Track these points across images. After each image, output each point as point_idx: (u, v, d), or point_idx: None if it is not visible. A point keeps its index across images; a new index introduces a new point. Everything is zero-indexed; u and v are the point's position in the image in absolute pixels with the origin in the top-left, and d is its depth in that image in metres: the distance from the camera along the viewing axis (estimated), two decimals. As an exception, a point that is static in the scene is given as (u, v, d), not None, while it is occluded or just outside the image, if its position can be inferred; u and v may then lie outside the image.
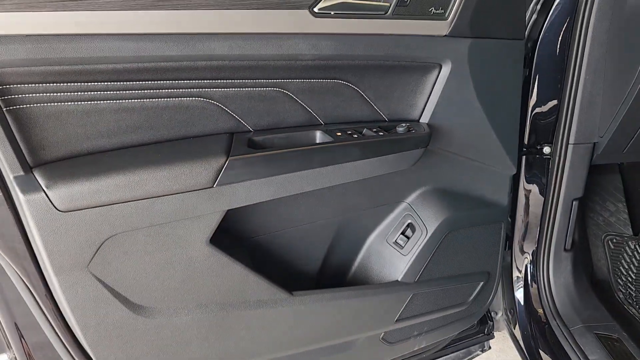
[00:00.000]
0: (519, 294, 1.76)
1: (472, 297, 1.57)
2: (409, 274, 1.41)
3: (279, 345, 1.32)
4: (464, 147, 1.38)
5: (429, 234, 1.39)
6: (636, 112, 1.48)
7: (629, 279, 1.88)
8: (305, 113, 1.23)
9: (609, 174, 2.03)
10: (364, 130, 1.24)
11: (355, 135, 1.19)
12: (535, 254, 1.71)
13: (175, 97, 1.10)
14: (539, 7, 1.54)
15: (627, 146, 1.57)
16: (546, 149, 1.59)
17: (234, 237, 1.27)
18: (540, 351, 1.70)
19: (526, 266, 1.74)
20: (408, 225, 1.42)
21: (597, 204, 2.01)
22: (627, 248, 1.94)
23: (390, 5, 1.15)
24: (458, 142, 1.37)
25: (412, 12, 1.17)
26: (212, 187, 1.06)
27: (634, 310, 1.77)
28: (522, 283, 1.74)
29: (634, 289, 1.86)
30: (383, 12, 1.16)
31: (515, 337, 1.85)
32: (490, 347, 1.92)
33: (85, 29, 0.95)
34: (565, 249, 1.69)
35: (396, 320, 1.46)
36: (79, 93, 1.02)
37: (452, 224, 1.42)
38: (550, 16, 1.48)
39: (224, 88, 1.13)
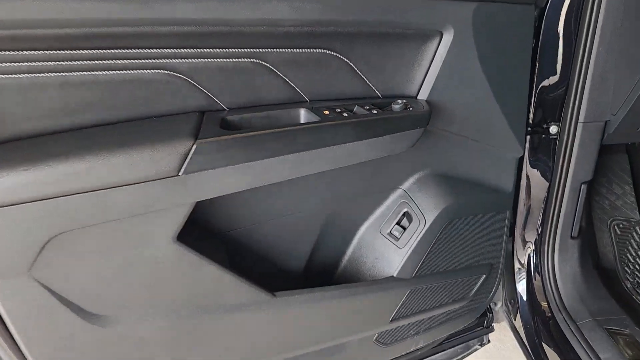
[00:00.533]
0: (521, 286, 1.64)
1: (473, 292, 1.43)
2: (405, 268, 1.27)
3: (261, 353, 1.17)
4: (466, 127, 1.24)
5: (428, 224, 1.25)
6: (654, 88, 1.34)
7: (637, 266, 1.76)
8: (288, 88, 1.07)
9: (615, 154, 1.90)
10: (355, 108, 1.08)
11: (345, 114, 1.04)
12: (539, 243, 1.58)
13: (133, 70, 0.93)
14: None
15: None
16: (553, 128, 1.45)
17: (206, 231, 1.11)
18: (544, 346, 1.58)
19: (529, 256, 1.61)
20: (404, 215, 1.27)
21: (603, 187, 1.88)
22: (634, 234, 1.81)
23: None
24: (460, 121, 1.22)
25: (410, -29, 1.01)
26: (177, 175, 0.90)
27: (643, 300, 1.66)
28: (524, 274, 1.61)
29: (643, 277, 1.74)
30: (376, -30, 1.00)
31: (516, 329, 1.73)
32: (489, 341, 1.80)
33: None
34: (571, 237, 1.57)
35: (391, 320, 1.32)
36: (14, 64, 0.84)
37: (453, 213, 1.28)
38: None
39: (192, 59, 0.97)
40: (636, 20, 1.29)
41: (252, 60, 1.01)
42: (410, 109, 1.11)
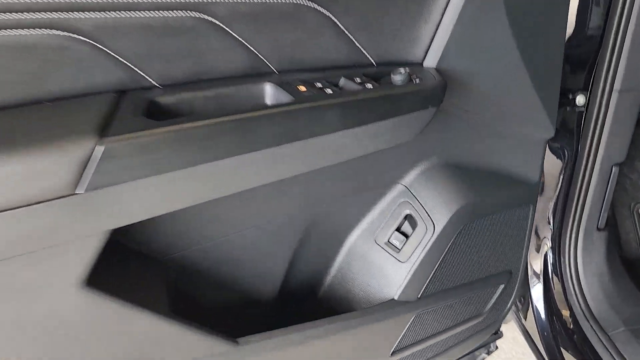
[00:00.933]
0: (536, 291, 1.38)
1: (489, 306, 1.16)
2: (409, 288, 0.98)
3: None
4: (486, 103, 0.95)
5: (438, 230, 0.96)
6: None
7: (664, 257, 1.52)
8: (246, 55, 0.75)
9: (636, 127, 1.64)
10: (341, 81, 0.78)
11: (329, 90, 0.73)
12: (558, 238, 1.32)
13: (14, 30, 0.61)
14: None
15: None
16: (580, 99, 1.18)
17: (135, 259, 0.79)
18: (565, 353, 1.34)
19: (545, 254, 1.35)
20: (406, 218, 0.98)
21: (624, 164, 1.62)
22: (660, 219, 1.57)
23: None
24: (478, 96, 0.93)
25: None
26: (75, 194, 0.58)
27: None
28: (539, 276, 1.36)
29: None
30: None
31: (527, 332, 1.48)
32: (497, 347, 1.54)
33: None
34: (598, 228, 1.31)
35: (392, 353, 1.04)
36: None
37: (469, 214, 0.99)
38: None
39: (100, 12, 0.64)
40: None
41: (192, 14, 0.69)
42: (417, 81, 0.80)
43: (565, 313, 1.33)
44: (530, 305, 1.41)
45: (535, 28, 0.91)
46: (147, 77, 0.70)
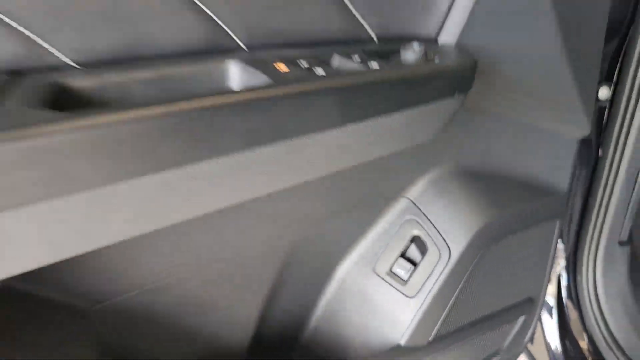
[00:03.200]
0: (547, 318, 1.21)
1: (508, 341, 0.96)
2: (419, 331, 0.77)
3: None
4: (515, 93, 0.75)
5: (454, 257, 0.75)
6: None
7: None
8: (204, 22, 0.53)
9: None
10: (335, 60, 0.57)
11: (320, 71, 0.51)
12: (574, 256, 1.15)
13: None
14: None
15: None
16: (603, 91, 1.00)
17: (55, 309, 0.56)
18: None
19: (558, 276, 1.18)
20: (413, 241, 0.77)
21: None
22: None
23: None
24: (506, 83, 0.73)
25: None
26: None
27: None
28: (552, 300, 1.19)
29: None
30: None
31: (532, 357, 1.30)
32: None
33: None
34: (620, 242, 1.14)
35: None
36: None
37: (491, 235, 0.79)
38: None
39: None
40: None
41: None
42: (435, 60, 0.60)
43: (583, 344, 1.16)
44: (542, 334, 1.23)
45: (577, 7, 0.72)
46: (55, 52, 0.48)
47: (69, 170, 0.40)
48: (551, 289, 1.23)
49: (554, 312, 1.20)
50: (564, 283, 1.19)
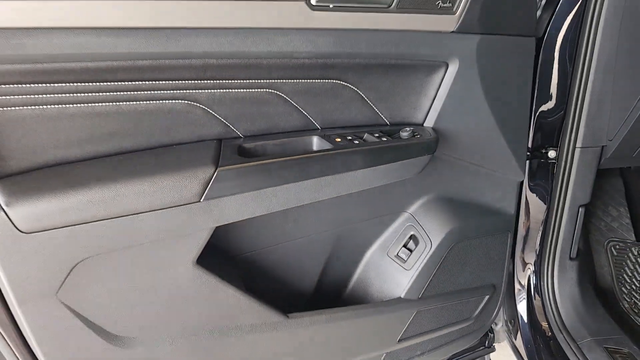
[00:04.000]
0: (522, 307, 1.67)
1: (477, 312, 1.47)
2: (412, 290, 1.31)
3: (274, 372, 1.20)
4: (470, 152, 1.28)
5: (434, 247, 1.29)
6: (649, 114, 1.39)
7: (634, 286, 1.81)
8: (301, 117, 1.11)
9: (610, 177, 1.96)
10: (365, 136, 1.13)
11: (356, 141, 1.08)
12: (539, 264, 1.62)
13: (156, 100, 0.98)
14: (543, 2, 1.45)
15: (637, 150, 1.49)
16: (551, 153, 1.49)
17: (222, 254, 1.14)
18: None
19: (529, 277, 1.65)
20: (411, 237, 1.31)
21: (599, 209, 1.93)
22: (630, 254, 1.86)
23: (395, -2, 1.04)
24: (464, 147, 1.27)
25: (418, 6, 1.07)
26: (199, 201, 0.94)
27: (640, 320, 1.70)
28: (524, 295, 1.65)
29: (639, 297, 1.78)
30: (386, 6, 1.05)
31: (517, 349, 1.76)
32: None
33: (51, 22, 0.83)
34: (570, 258, 1.61)
35: (399, 340, 1.35)
36: (45, 95, 0.89)
37: (458, 235, 1.32)
38: (557, 12, 1.39)
39: (210, 89, 1.01)
40: (631, 49, 1.35)
41: (267, 90, 1.06)
42: (418, 136, 1.15)
43: (545, 325, 1.62)
44: (518, 320, 1.70)
45: (504, 98, 1.25)
46: (236, 131, 1.07)
47: (248, 182, 0.98)
48: (525, 286, 1.70)
49: (525, 302, 1.67)
50: (532, 282, 1.66)
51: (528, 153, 1.49)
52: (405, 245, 1.32)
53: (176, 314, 1.03)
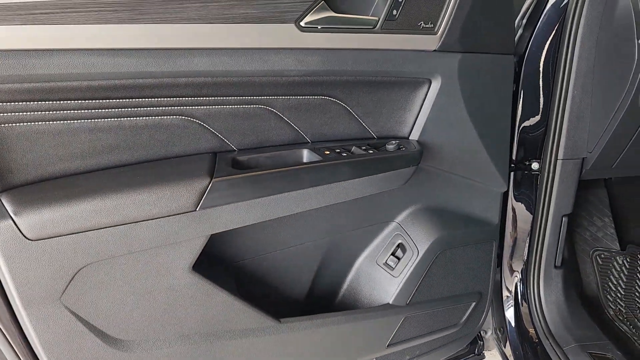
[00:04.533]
0: (509, 314, 1.72)
1: (464, 319, 1.52)
2: (400, 296, 1.36)
3: (266, 375, 1.25)
4: (454, 164, 1.34)
5: (420, 255, 1.35)
6: (626, 126, 1.46)
7: (619, 294, 1.86)
8: (292, 131, 1.18)
9: (595, 189, 2.02)
10: (353, 149, 1.19)
11: (344, 154, 1.14)
12: (525, 272, 1.67)
13: (154, 116, 1.04)
14: (524, 21, 1.53)
15: (616, 161, 1.55)
16: (535, 165, 1.55)
17: (217, 261, 1.20)
18: None
19: (516, 285, 1.70)
20: (398, 246, 1.37)
21: (584, 219, 1.99)
22: (615, 263, 1.92)
23: (379, 19, 1.11)
24: (448, 159, 1.33)
25: (401, 27, 1.14)
26: (195, 210, 1.00)
27: (625, 327, 1.74)
28: (512, 302, 1.70)
29: (624, 305, 1.83)
30: (371, 27, 1.12)
31: (505, 356, 1.80)
32: (480, 365, 1.87)
33: (57, 44, 0.89)
34: (555, 266, 1.66)
35: (388, 345, 1.40)
36: (51, 112, 0.95)
37: (444, 244, 1.38)
38: (537, 30, 1.47)
39: (206, 105, 1.08)
40: (607, 64, 1.42)
41: (260, 106, 1.12)
42: (403, 148, 1.21)
43: (532, 332, 1.67)
44: (506, 327, 1.75)
45: (485, 113, 1.32)
46: (231, 144, 1.13)
47: (242, 192, 1.03)
48: (513, 294, 1.75)
49: (513, 310, 1.72)
50: (520, 291, 1.71)
51: (513, 165, 1.55)
52: (393, 254, 1.37)
53: (173, 318, 1.08)
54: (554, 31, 1.44)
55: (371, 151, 1.18)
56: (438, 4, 1.14)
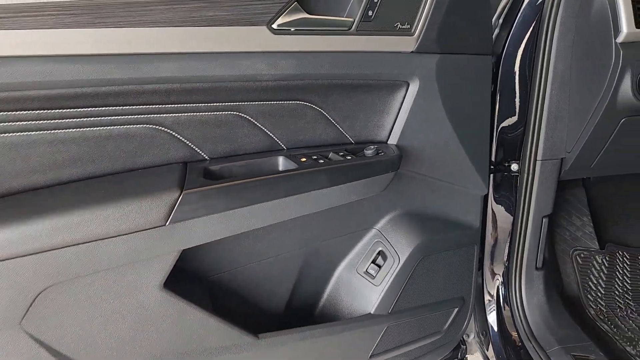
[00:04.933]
0: (492, 317, 1.70)
1: (447, 325, 1.49)
2: (382, 305, 1.32)
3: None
4: (434, 168, 1.31)
5: (402, 262, 1.31)
6: (604, 127, 1.45)
7: (599, 294, 1.85)
8: (266, 138, 1.13)
9: (573, 188, 2.01)
10: (330, 155, 1.15)
11: (321, 161, 1.10)
12: (507, 275, 1.65)
13: (120, 125, 0.98)
14: (501, 21, 1.51)
15: (594, 161, 1.54)
16: (514, 166, 1.53)
17: (190, 277, 1.14)
18: None
19: (497, 288, 1.68)
20: (379, 253, 1.33)
21: (563, 219, 1.98)
22: (594, 262, 1.91)
23: (354, 20, 1.07)
24: (428, 163, 1.30)
25: (378, 28, 1.10)
26: (165, 225, 0.94)
27: (606, 327, 1.74)
28: (494, 305, 1.68)
29: (604, 304, 1.83)
30: (347, 28, 1.08)
31: (488, 359, 1.78)
32: (463, 372, 1.84)
33: (12, 51, 0.83)
34: (536, 268, 1.64)
35: (370, 356, 1.36)
36: (6, 123, 0.89)
37: (425, 250, 1.34)
38: (513, 30, 1.45)
39: (175, 113, 1.02)
40: (584, 64, 1.40)
41: (232, 112, 1.07)
42: (382, 153, 1.18)
43: (514, 335, 1.65)
44: (489, 331, 1.73)
45: (464, 115, 1.29)
46: (202, 153, 1.08)
47: (215, 204, 0.98)
48: (495, 297, 1.73)
49: (495, 313, 1.70)
50: (502, 294, 1.69)
51: (492, 167, 1.53)
52: (374, 261, 1.33)
53: (144, 338, 1.02)
54: (530, 30, 1.42)
55: (349, 157, 1.14)
56: (414, 4, 1.11)
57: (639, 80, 1.39)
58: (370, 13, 1.09)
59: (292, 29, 1.00)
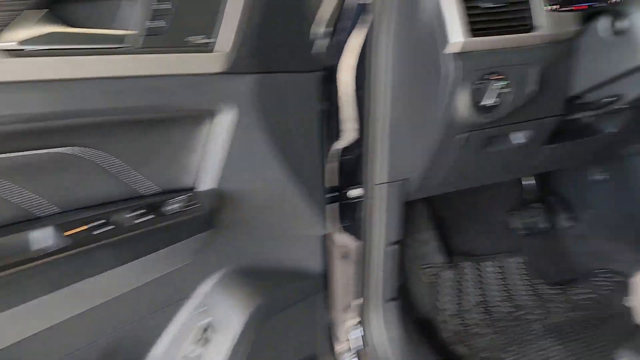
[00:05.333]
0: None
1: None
2: None
3: None
4: (262, 212, 1.08)
5: (238, 333, 1.04)
6: (446, 143, 1.32)
7: (453, 312, 1.78)
8: (26, 200, 0.79)
9: (414, 203, 1.92)
10: (120, 218, 0.84)
11: (104, 230, 0.79)
12: (361, 314, 1.48)
13: None
14: (331, 30, 1.31)
15: (440, 179, 1.42)
16: (354, 192, 1.35)
17: None
18: None
19: (352, 330, 1.50)
20: (207, 329, 1.04)
21: (408, 237, 1.87)
22: (444, 278, 1.84)
23: (138, 34, 0.79)
24: (255, 207, 1.06)
25: (172, 44, 0.84)
26: None
27: (461, 349, 1.66)
28: (353, 352, 1.50)
29: (460, 321, 1.76)
30: (127, 45, 0.79)
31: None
32: None
33: None
34: (392, 299, 1.49)
35: None
36: None
37: (265, 312, 1.09)
38: (343, 47, 1.26)
39: None
40: (420, 78, 1.26)
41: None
42: (197, 204, 0.90)
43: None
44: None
45: (293, 145, 1.07)
46: None
47: None
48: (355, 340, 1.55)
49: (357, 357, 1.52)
50: (360, 334, 1.51)
51: (333, 195, 1.33)
52: (201, 339, 1.04)
53: None
54: (362, 40, 1.24)
55: (145, 218, 0.84)
56: (214, 11, 0.86)
57: (473, 93, 1.28)
58: (161, 24, 0.82)
59: (26, 48, 0.68)
